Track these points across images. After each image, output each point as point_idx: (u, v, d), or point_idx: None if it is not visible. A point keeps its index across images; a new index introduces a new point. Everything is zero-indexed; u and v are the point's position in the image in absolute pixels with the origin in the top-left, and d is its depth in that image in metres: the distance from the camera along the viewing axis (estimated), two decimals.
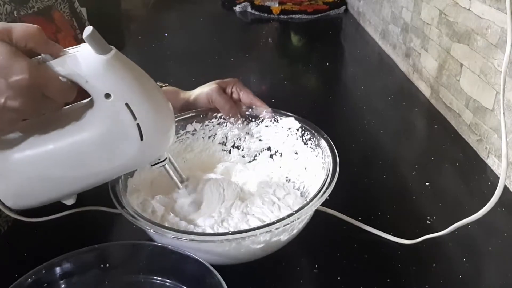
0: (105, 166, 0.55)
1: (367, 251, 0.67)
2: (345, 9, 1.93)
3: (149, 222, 0.56)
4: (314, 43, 1.68)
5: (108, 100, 0.51)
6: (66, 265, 0.55)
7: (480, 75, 0.91)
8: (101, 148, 0.53)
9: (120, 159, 0.54)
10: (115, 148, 0.54)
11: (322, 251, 0.67)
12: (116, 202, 0.59)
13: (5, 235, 0.72)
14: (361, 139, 0.99)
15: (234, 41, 1.69)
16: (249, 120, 0.78)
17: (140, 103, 0.52)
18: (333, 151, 0.67)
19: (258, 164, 0.79)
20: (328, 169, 0.64)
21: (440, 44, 1.10)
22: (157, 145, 0.56)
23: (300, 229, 0.63)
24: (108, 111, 0.52)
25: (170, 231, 0.55)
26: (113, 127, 0.52)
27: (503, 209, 0.76)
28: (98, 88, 0.50)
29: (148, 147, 0.55)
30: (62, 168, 0.53)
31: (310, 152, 0.72)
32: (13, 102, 0.45)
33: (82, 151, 0.53)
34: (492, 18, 0.86)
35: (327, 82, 1.35)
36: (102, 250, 0.57)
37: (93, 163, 0.54)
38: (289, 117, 0.76)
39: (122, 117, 0.52)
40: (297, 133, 0.75)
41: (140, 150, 0.54)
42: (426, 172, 0.87)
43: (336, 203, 0.71)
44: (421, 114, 1.11)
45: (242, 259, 0.61)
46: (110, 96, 0.50)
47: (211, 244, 0.56)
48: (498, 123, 0.85)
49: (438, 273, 0.64)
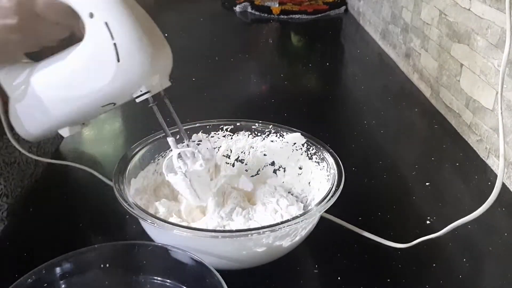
0: (88, 89, 0.56)
1: (367, 251, 0.67)
2: (345, 9, 1.93)
3: (143, 212, 0.57)
4: (314, 43, 1.68)
5: (91, 20, 0.52)
6: (66, 265, 0.54)
7: (480, 75, 0.91)
8: (84, 68, 0.55)
9: (100, 81, 0.55)
10: (95, 69, 0.54)
11: (322, 251, 0.67)
12: (117, 191, 0.60)
13: (4, 235, 0.72)
14: (361, 139, 0.99)
15: (234, 41, 1.69)
16: (255, 134, 0.77)
17: (120, 23, 0.53)
18: (338, 164, 0.67)
19: (260, 178, 0.78)
20: (334, 180, 0.64)
21: (440, 44, 1.10)
22: (135, 69, 0.55)
23: (302, 237, 0.62)
24: (90, 31, 0.53)
25: (165, 223, 0.56)
26: (93, 46, 0.54)
27: (503, 209, 0.76)
28: (83, 5, 0.52)
29: (125, 70, 0.54)
30: (56, 88, 0.57)
31: (314, 166, 0.72)
32: (10, 20, 0.51)
33: (69, 70, 0.56)
34: (492, 18, 0.86)
35: (327, 82, 1.35)
36: (102, 250, 0.56)
37: (78, 84, 0.56)
38: (294, 132, 0.74)
39: (101, 36, 0.52)
40: (302, 148, 0.73)
41: (117, 73, 0.54)
42: (426, 172, 0.87)
43: (336, 203, 0.70)
44: (421, 114, 1.11)
45: (243, 262, 0.61)
46: (93, 15, 0.52)
47: (211, 242, 0.56)
48: (498, 123, 0.85)
49: (438, 273, 0.64)
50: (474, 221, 0.59)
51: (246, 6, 1.93)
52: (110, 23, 0.52)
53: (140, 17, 0.55)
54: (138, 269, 0.57)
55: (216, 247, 0.58)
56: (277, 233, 0.57)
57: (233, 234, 0.56)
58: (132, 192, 0.65)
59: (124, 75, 0.54)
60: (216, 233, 0.58)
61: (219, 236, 0.56)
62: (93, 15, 0.52)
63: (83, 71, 0.55)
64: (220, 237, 0.56)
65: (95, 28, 0.52)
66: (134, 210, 0.58)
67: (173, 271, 0.56)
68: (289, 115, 1.06)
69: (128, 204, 0.59)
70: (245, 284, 0.61)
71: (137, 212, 0.58)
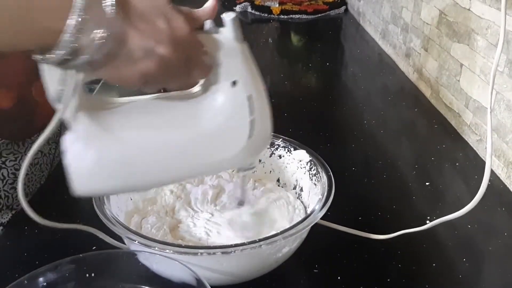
0: (203, 159, 0.51)
1: (366, 251, 0.67)
2: (345, 9, 1.93)
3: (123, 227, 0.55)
4: (314, 43, 1.69)
5: (233, 88, 0.49)
6: (49, 275, 0.52)
7: (480, 75, 0.91)
8: (209, 137, 0.51)
9: (222, 154, 0.52)
10: (223, 140, 0.51)
11: (322, 252, 0.67)
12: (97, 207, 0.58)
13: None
14: (361, 139, 0.99)
15: None
16: None
17: (259, 100, 0.51)
18: (330, 186, 0.64)
19: None
20: (321, 200, 0.62)
21: (440, 44, 1.10)
22: (258, 148, 0.54)
23: (292, 249, 0.61)
24: (229, 99, 0.50)
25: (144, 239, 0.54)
26: (228, 117, 0.50)
27: (503, 209, 0.76)
28: (229, 73, 0.49)
29: (251, 148, 0.52)
30: (163, 150, 0.49)
31: (313, 188, 0.70)
32: (162, 49, 0.43)
33: (190, 136, 0.50)
34: (492, 18, 0.86)
35: (327, 82, 1.35)
36: (87, 259, 0.54)
37: (194, 153, 0.51)
38: (301, 149, 0.73)
39: (241, 108, 0.50)
40: (305, 167, 0.71)
41: (244, 149, 0.52)
42: (426, 172, 0.87)
43: (336, 203, 0.70)
44: (421, 114, 1.11)
45: (236, 275, 0.59)
46: (237, 84, 0.49)
47: (196, 258, 0.54)
48: (498, 123, 0.85)
49: (438, 273, 0.64)
50: (474, 221, 0.59)
51: (246, 6, 1.93)
52: (253, 97, 0.50)
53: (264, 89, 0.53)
54: (125, 278, 0.55)
55: (202, 263, 0.56)
56: (258, 250, 0.55)
57: (215, 251, 0.53)
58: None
59: (248, 152, 0.52)
60: (196, 249, 0.55)
61: (198, 253, 0.54)
62: (237, 84, 0.49)
63: (212, 138, 0.51)
64: (200, 254, 0.54)
65: (235, 98, 0.50)
66: (116, 226, 0.56)
67: (161, 280, 0.55)
68: (289, 115, 1.06)
69: (107, 219, 0.57)
70: (245, 284, 0.60)
71: (120, 229, 0.56)
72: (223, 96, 0.50)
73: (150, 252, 0.54)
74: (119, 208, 0.64)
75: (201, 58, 0.47)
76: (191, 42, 0.45)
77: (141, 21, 0.42)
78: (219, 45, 0.48)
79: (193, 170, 0.53)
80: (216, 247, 0.56)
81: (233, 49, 0.49)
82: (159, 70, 0.43)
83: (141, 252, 0.55)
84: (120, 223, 0.57)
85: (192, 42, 0.45)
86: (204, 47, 0.47)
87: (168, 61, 0.43)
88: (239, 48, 0.49)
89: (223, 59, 0.49)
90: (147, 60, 0.42)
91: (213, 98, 0.50)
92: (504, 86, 0.83)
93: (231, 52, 0.49)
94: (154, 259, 0.54)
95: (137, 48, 0.42)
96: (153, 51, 0.42)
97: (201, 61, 0.47)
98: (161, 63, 0.43)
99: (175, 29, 0.43)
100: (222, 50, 0.48)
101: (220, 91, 0.50)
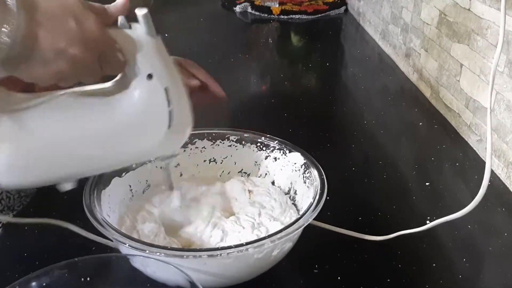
0: (123, 150, 0.54)
1: (366, 251, 0.67)
2: (345, 9, 1.93)
3: (113, 230, 0.55)
4: (314, 43, 1.69)
5: (149, 81, 0.51)
6: (44, 279, 0.52)
7: (480, 75, 0.91)
8: (128, 129, 0.53)
9: (143, 144, 0.54)
10: (142, 132, 0.53)
11: (322, 252, 0.67)
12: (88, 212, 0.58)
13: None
14: (361, 139, 0.99)
15: (234, 41, 1.69)
16: (260, 148, 0.75)
17: (176, 91, 0.53)
18: (323, 190, 0.63)
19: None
20: (313, 204, 0.61)
21: (440, 44, 1.10)
22: (178, 137, 0.57)
23: (284, 251, 0.61)
24: (146, 92, 0.52)
25: (134, 241, 0.54)
26: (146, 109, 0.52)
27: (503, 209, 0.76)
28: (144, 67, 0.51)
29: (171, 137, 0.55)
30: (81, 143, 0.51)
31: (306, 191, 0.69)
32: (74, 49, 0.44)
33: (108, 129, 0.52)
34: (492, 18, 0.86)
35: (327, 82, 1.35)
36: (82, 263, 0.54)
37: (114, 143, 0.53)
38: (296, 151, 0.72)
39: (158, 100, 0.52)
40: (300, 170, 0.71)
41: (163, 138, 0.54)
42: (426, 172, 0.87)
43: (336, 203, 0.71)
44: (421, 114, 1.11)
45: (228, 277, 0.59)
46: (152, 77, 0.51)
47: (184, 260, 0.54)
48: (498, 123, 0.85)
49: (438, 273, 0.64)
50: (474, 221, 0.59)
51: (246, 6, 1.93)
52: (169, 89, 0.52)
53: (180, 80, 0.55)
54: (120, 282, 0.55)
55: (192, 266, 0.55)
56: (245, 253, 0.54)
57: (202, 253, 0.53)
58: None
59: (168, 141, 0.55)
60: (183, 252, 0.55)
61: (184, 256, 0.54)
62: (152, 77, 0.51)
63: (126, 132, 0.53)
64: (185, 257, 0.53)
65: (152, 91, 0.51)
66: (106, 229, 0.55)
67: (155, 283, 0.55)
68: (289, 115, 1.06)
69: (99, 222, 0.56)
70: (245, 284, 0.60)
71: (109, 231, 0.55)
72: (140, 90, 0.51)
73: (140, 255, 0.54)
74: (110, 208, 0.64)
75: (114, 54, 0.48)
76: (103, 40, 0.46)
77: (50, 21, 0.42)
78: (132, 40, 0.50)
79: (115, 160, 0.55)
80: (202, 249, 0.57)
81: (146, 43, 0.50)
82: (72, 69, 0.45)
83: (134, 256, 0.55)
84: (110, 225, 0.56)
85: (104, 39, 0.46)
86: (116, 44, 0.48)
87: (80, 60, 0.44)
88: (152, 42, 0.50)
89: (136, 54, 0.50)
90: (59, 60, 0.43)
91: (131, 92, 0.52)
92: (504, 86, 0.83)
93: (144, 46, 0.50)
94: (147, 263, 0.55)
95: (48, 49, 0.42)
96: (64, 51, 0.43)
97: (114, 58, 0.49)
98: (73, 63, 0.44)
99: (86, 28, 0.44)
100: (135, 45, 0.50)
101: (137, 85, 0.51)
